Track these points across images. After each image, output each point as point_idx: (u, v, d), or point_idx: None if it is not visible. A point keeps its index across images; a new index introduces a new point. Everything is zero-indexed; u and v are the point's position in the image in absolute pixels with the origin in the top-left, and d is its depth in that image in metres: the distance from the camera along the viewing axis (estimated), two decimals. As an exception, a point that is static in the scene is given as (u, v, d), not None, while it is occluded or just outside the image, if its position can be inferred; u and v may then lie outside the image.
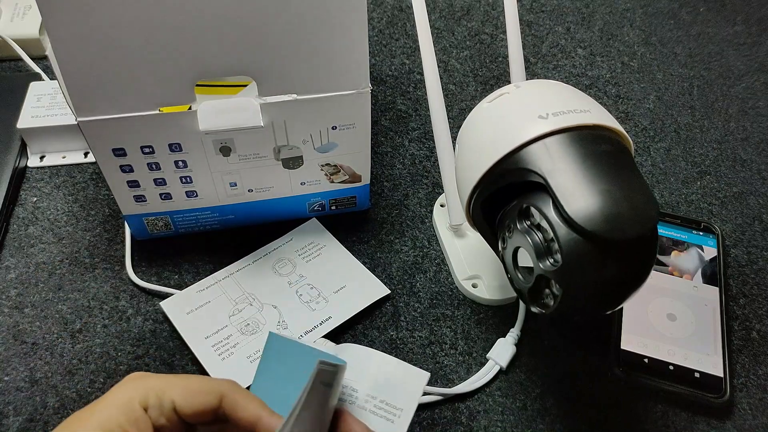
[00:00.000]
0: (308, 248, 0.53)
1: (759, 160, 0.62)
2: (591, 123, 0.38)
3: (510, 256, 0.39)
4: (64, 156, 0.59)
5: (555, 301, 0.36)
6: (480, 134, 0.42)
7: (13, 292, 0.50)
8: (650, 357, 0.47)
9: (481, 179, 0.40)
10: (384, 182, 0.59)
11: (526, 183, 0.37)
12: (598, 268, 0.34)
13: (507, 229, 0.39)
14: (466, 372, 0.47)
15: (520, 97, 0.41)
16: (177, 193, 0.49)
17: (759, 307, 0.51)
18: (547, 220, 0.35)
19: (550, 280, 0.36)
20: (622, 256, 0.35)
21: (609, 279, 0.35)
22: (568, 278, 0.35)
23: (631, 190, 0.35)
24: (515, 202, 0.39)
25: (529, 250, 0.37)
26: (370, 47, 0.64)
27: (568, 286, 0.35)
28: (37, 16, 0.68)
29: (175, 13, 0.39)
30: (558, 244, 0.34)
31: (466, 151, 0.43)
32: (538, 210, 0.36)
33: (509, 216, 0.39)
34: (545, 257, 0.36)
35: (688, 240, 0.54)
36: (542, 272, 0.36)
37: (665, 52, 0.72)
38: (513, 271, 0.39)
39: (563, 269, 0.35)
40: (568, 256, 0.34)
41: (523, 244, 0.37)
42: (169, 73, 0.41)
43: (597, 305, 0.37)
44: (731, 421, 0.45)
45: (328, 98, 0.45)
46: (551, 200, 0.35)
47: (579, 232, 0.34)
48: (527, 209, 0.37)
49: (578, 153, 0.36)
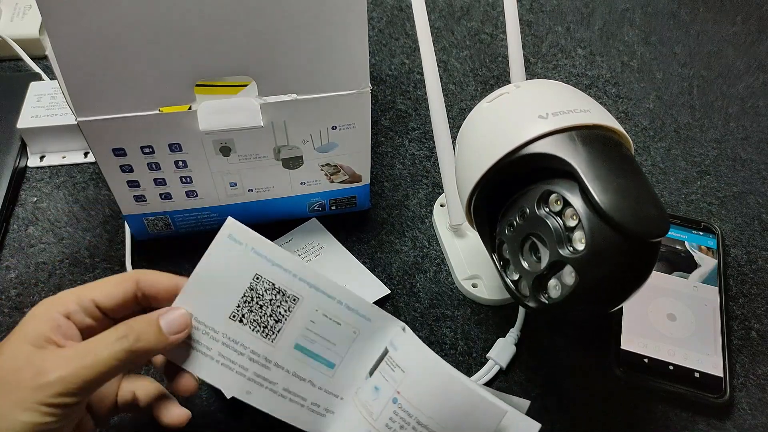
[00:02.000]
0: (308, 248, 0.53)
1: (759, 160, 0.62)
2: (591, 123, 0.38)
3: (517, 243, 0.39)
4: (64, 156, 0.59)
5: (562, 292, 0.36)
6: (480, 134, 0.42)
7: (13, 292, 0.50)
8: (650, 357, 0.47)
9: (481, 179, 0.40)
10: (384, 182, 0.59)
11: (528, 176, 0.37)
12: (621, 261, 0.34)
13: (518, 215, 0.38)
14: (466, 372, 0.47)
15: (520, 97, 0.41)
16: (177, 193, 0.49)
17: (758, 307, 0.51)
18: (574, 208, 0.35)
19: (562, 270, 0.36)
20: (643, 252, 0.35)
21: (626, 273, 0.35)
22: (588, 267, 0.34)
23: (649, 191, 0.36)
24: (532, 188, 0.38)
25: (547, 236, 0.36)
26: (370, 47, 0.64)
27: (587, 275, 0.35)
28: (37, 16, 0.68)
29: (175, 13, 0.39)
30: (584, 231, 0.34)
31: (466, 151, 0.43)
32: (562, 196, 0.36)
33: (523, 201, 0.38)
34: (564, 244, 0.36)
35: (688, 240, 0.54)
36: (560, 258, 0.35)
37: (665, 51, 0.72)
38: (517, 258, 0.39)
39: (586, 257, 0.34)
40: (594, 245, 0.34)
41: (541, 229, 0.37)
42: (169, 73, 0.41)
43: (606, 300, 0.36)
44: (731, 421, 0.45)
45: (328, 98, 0.45)
46: (579, 189, 0.35)
47: (608, 223, 0.34)
48: (547, 194, 0.37)
49: (602, 149, 0.36)
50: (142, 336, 0.33)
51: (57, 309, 0.33)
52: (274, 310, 0.37)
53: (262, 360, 0.37)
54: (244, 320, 0.36)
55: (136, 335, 0.32)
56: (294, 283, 0.37)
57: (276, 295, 0.37)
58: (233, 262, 0.36)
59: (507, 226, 0.40)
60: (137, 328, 0.33)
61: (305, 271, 0.37)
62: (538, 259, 0.38)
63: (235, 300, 0.36)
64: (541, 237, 0.37)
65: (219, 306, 0.36)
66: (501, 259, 0.41)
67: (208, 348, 0.36)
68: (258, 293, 0.36)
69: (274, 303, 0.37)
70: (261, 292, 0.36)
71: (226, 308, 0.36)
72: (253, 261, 0.36)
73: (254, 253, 0.36)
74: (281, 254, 0.36)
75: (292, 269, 0.37)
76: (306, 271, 0.37)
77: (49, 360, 0.31)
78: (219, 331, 0.36)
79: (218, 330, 0.36)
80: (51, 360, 0.31)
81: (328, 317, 0.37)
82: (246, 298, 0.36)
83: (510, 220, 0.40)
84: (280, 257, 0.36)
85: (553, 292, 0.37)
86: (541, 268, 0.37)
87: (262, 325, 0.37)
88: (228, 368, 0.36)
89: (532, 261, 0.38)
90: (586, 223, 0.34)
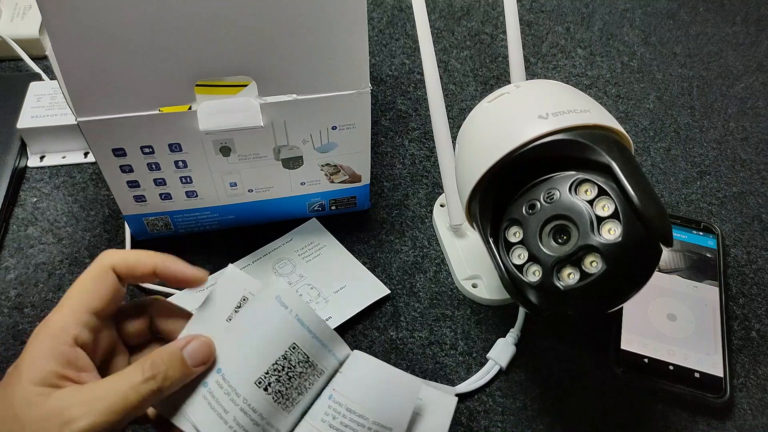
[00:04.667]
0: (308, 248, 0.53)
1: (758, 160, 0.62)
2: (591, 123, 0.38)
3: (537, 225, 0.38)
4: (64, 156, 0.59)
5: (581, 280, 0.36)
6: (480, 134, 0.42)
7: (13, 292, 0.50)
8: (650, 357, 0.47)
9: (481, 179, 0.40)
10: (384, 182, 0.59)
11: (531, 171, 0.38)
12: (644, 257, 0.36)
13: (545, 196, 0.38)
14: (466, 372, 0.47)
15: (520, 97, 0.41)
16: (177, 193, 0.49)
17: (758, 307, 0.51)
18: (612, 198, 0.36)
19: (584, 257, 0.36)
20: (658, 252, 0.36)
21: (643, 269, 0.36)
22: (618, 256, 0.35)
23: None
24: (558, 175, 0.38)
25: (580, 220, 0.36)
26: (370, 47, 0.64)
27: (615, 264, 0.35)
28: (37, 16, 0.68)
29: (175, 13, 0.39)
30: (620, 222, 0.35)
31: (466, 151, 0.43)
32: (598, 186, 0.36)
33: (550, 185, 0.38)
34: (595, 232, 0.36)
35: (688, 240, 0.54)
36: (591, 244, 0.35)
37: (665, 52, 0.72)
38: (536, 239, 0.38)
39: (618, 247, 0.35)
40: (629, 236, 0.35)
41: (573, 212, 0.37)
42: (169, 73, 0.41)
43: (619, 293, 0.37)
44: (731, 421, 0.45)
45: (328, 98, 0.45)
46: (613, 183, 0.36)
47: (640, 219, 0.35)
48: (579, 182, 0.37)
49: (625, 149, 0.38)
50: (169, 373, 0.31)
51: (62, 340, 0.30)
52: (301, 383, 0.34)
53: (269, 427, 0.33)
54: (269, 389, 0.33)
55: (164, 374, 0.31)
56: (325, 357, 0.35)
57: (307, 368, 0.34)
58: (273, 325, 0.33)
59: (527, 206, 0.39)
60: (162, 365, 0.31)
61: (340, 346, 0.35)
62: (560, 243, 0.37)
63: (265, 366, 0.33)
64: (572, 220, 0.37)
65: (247, 367, 0.33)
66: (505, 242, 0.40)
67: (225, 411, 0.32)
68: (291, 364, 0.33)
69: (303, 376, 0.34)
70: (294, 363, 0.33)
71: (254, 372, 0.33)
72: (293, 329, 0.33)
73: (297, 321, 0.34)
74: (324, 327, 0.34)
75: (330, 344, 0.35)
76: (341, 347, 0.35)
77: (74, 406, 0.29)
78: (240, 394, 0.32)
79: (240, 393, 0.32)
80: (75, 406, 0.29)
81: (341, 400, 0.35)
82: (277, 366, 0.33)
83: (531, 201, 0.39)
84: (322, 330, 0.34)
85: (569, 279, 0.36)
86: (567, 252, 0.36)
87: (285, 396, 0.33)
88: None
89: (553, 245, 0.38)
90: (623, 215, 0.35)
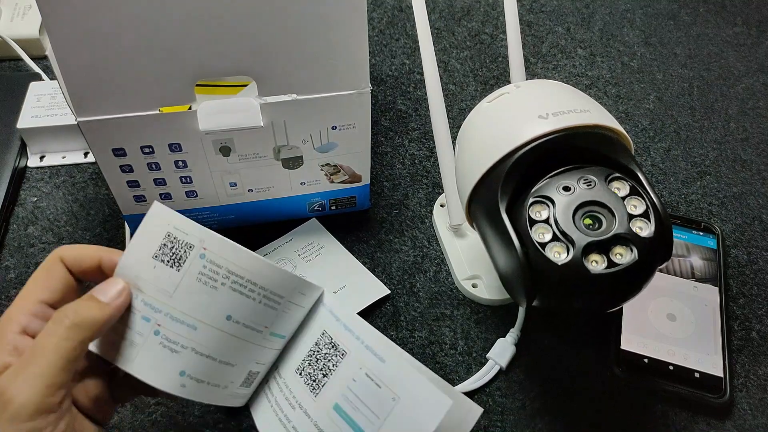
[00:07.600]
0: (308, 248, 0.53)
1: (759, 161, 0.62)
2: (591, 123, 0.38)
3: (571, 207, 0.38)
4: (64, 156, 0.59)
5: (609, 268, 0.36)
6: (480, 134, 0.42)
7: (13, 292, 0.50)
8: (650, 357, 0.47)
9: (481, 179, 0.40)
10: (384, 182, 0.59)
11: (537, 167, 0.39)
12: (663, 256, 0.38)
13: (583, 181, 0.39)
14: (466, 372, 0.47)
15: (520, 97, 0.41)
16: (177, 193, 0.49)
17: (759, 307, 0.51)
18: (644, 198, 0.37)
19: (614, 247, 0.37)
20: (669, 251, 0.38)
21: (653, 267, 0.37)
22: (650, 250, 0.36)
23: None
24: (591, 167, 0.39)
25: (618, 210, 0.37)
26: (370, 47, 0.64)
27: (646, 257, 0.36)
28: (37, 16, 0.68)
29: (175, 13, 0.39)
30: (652, 219, 0.37)
31: (466, 151, 0.43)
32: (630, 185, 0.38)
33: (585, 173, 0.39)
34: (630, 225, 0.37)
35: (688, 240, 0.54)
36: (628, 234, 0.36)
37: (665, 52, 0.72)
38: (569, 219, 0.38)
39: (652, 241, 0.36)
40: (659, 231, 0.36)
41: (610, 201, 0.38)
42: (169, 73, 0.41)
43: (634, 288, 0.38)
44: (731, 421, 0.45)
45: (328, 98, 0.45)
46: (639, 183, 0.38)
47: (662, 222, 0.37)
48: (615, 179, 0.38)
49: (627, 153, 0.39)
50: (80, 309, 0.31)
51: (10, 329, 0.31)
52: (325, 364, 0.36)
53: (305, 415, 0.36)
54: (302, 373, 0.36)
55: (74, 310, 0.30)
56: (346, 337, 0.36)
57: (331, 349, 0.36)
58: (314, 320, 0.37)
59: (560, 187, 0.39)
60: (72, 305, 0.31)
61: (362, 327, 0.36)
62: (591, 228, 0.38)
63: (303, 353, 0.36)
64: (609, 209, 0.37)
65: (292, 359, 0.37)
66: (529, 219, 0.40)
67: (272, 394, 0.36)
68: (319, 347, 0.36)
69: (327, 357, 0.36)
70: (322, 346, 0.36)
71: (295, 360, 0.36)
72: (326, 319, 0.37)
73: (329, 312, 0.37)
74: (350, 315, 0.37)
75: (353, 327, 0.36)
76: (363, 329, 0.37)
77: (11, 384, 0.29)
78: (288, 384, 0.36)
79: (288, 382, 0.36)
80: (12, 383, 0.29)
81: (369, 377, 0.35)
82: (311, 351, 0.36)
83: (566, 184, 0.39)
84: (347, 317, 0.37)
85: (594, 266, 0.37)
86: (599, 238, 0.37)
87: (312, 378, 0.36)
88: (282, 424, 0.35)
89: (583, 228, 0.38)
90: (654, 213, 0.37)
